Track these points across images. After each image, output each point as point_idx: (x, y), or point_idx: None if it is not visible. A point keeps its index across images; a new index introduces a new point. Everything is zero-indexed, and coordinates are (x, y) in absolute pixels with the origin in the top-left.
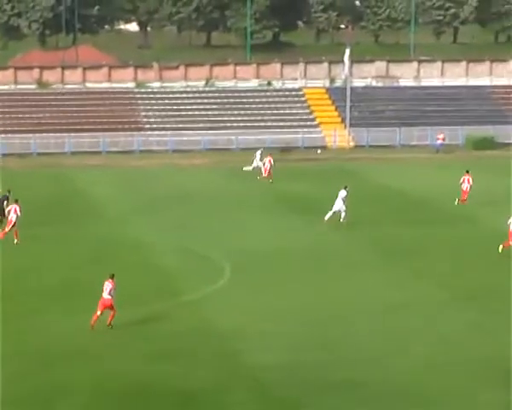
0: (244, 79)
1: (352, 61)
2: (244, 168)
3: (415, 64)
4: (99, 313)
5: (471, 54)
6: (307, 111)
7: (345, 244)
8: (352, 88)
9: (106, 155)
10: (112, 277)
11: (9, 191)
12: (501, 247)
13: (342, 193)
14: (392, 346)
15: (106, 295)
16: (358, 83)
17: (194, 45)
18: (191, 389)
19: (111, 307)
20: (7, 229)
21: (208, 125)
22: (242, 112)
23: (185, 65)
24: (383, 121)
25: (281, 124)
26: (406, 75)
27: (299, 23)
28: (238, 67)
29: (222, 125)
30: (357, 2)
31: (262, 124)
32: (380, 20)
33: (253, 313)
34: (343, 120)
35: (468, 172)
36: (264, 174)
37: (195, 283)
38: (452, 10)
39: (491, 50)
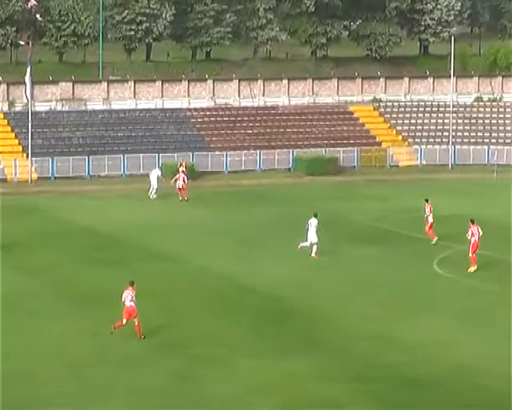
0: None
1: (34, 83)
2: (150, 196)
3: (104, 85)
4: (124, 321)
5: (166, 73)
6: None
7: (26, 291)
8: (34, 112)
9: None
10: (132, 284)
11: None
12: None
13: (313, 222)
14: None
15: (128, 302)
16: (42, 106)
17: None
18: None
19: (135, 316)
20: None
21: None
22: None
23: None
24: (70, 150)
25: None
26: (95, 97)
27: None
28: None
29: None
30: (39, 16)
31: None
32: (64, 35)
33: None
34: (24, 149)
35: (427, 200)
36: (181, 193)
37: None
38: (145, 25)
39: (188, 69)
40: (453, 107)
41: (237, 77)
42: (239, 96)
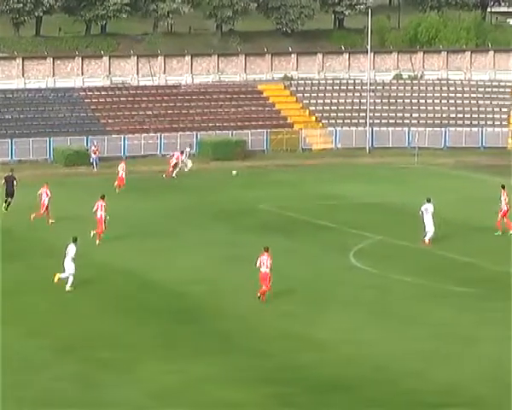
0: None
1: None
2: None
3: None
4: (264, 287)
5: (58, 49)
6: None
7: None
8: None
9: None
10: (266, 249)
11: (12, 170)
12: None
13: (429, 207)
14: None
15: (263, 269)
16: None
17: None
18: None
19: (267, 284)
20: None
21: None
22: None
23: None
24: None
25: None
26: None
27: None
28: None
29: None
30: None
31: None
32: None
33: None
34: None
35: (504, 187)
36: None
37: None
38: None
39: (82, 45)
40: (370, 85)
41: (136, 53)
42: (137, 74)
